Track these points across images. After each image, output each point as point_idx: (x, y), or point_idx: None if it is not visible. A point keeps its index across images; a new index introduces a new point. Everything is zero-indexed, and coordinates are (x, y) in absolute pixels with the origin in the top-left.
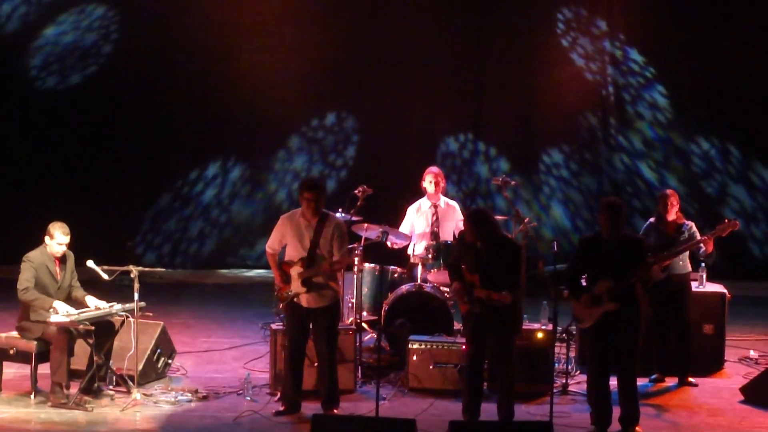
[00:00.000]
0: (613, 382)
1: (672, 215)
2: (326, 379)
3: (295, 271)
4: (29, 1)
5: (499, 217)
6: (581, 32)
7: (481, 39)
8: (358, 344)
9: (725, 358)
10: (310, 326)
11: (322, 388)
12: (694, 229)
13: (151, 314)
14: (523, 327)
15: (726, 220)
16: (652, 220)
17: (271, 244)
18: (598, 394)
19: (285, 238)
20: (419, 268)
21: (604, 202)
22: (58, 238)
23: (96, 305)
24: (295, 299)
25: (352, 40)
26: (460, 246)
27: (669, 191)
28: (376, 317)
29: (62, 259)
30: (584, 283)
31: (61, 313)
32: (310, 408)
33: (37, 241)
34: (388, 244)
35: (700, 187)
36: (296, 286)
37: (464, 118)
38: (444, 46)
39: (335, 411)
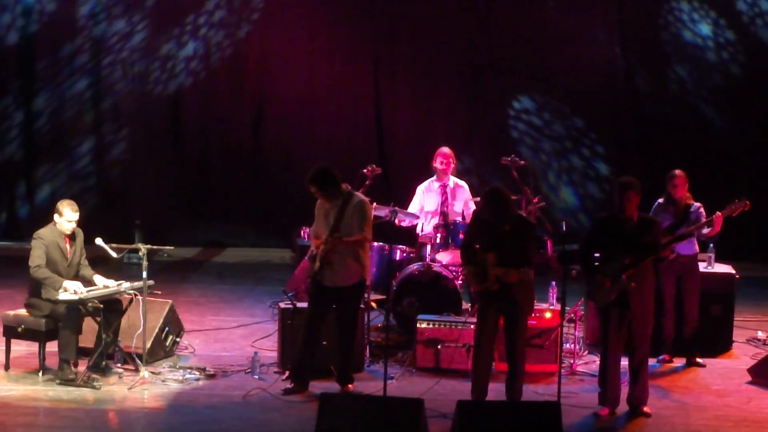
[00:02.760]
0: (624, 362)
1: (679, 195)
2: (343, 356)
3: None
4: None
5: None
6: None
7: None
8: (366, 323)
9: (733, 339)
10: (333, 305)
11: (339, 364)
12: (702, 210)
13: (159, 292)
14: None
15: (736, 200)
16: (660, 200)
17: (313, 228)
18: (610, 374)
19: (319, 221)
20: (428, 247)
21: (618, 182)
22: (67, 216)
23: (104, 284)
24: (318, 277)
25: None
26: (475, 225)
27: (677, 171)
28: (384, 296)
29: (72, 237)
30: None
31: (72, 290)
32: (318, 387)
33: (45, 220)
34: (396, 222)
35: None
36: (317, 263)
37: (462, 94)
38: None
39: (350, 387)
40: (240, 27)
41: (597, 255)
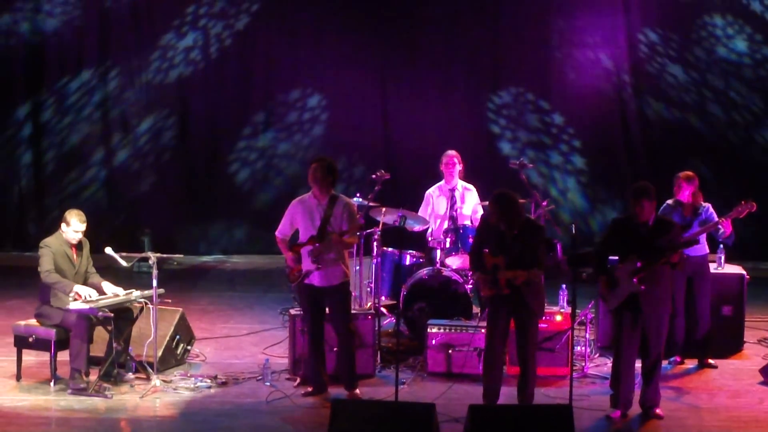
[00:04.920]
0: (636, 364)
1: (683, 197)
2: (346, 359)
3: (306, 250)
4: None
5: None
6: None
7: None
8: (377, 329)
9: (744, 340)
10: (326, 307)
11: (342, 370)
12: (711, 210)
13: (169, 301)
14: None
15: (743, 201)
16: (669, 201)
17: (282, 229)
18: (623, 377)
19: (296, 222)
20: (437, 252)
21: (632, 188)
22: (74, 226)
23: (113, 291)
24: (306, 280)
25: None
26: (484, 228)
27: (681, 174)
28: (394, 302)
29: (78, 246)
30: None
31: (83, 296)
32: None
33: (54, 229)
34: (408, 228)
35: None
36: (307, 264)
37: (469, 98)
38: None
39: (357, 391)
40: (247, 31)
41: (615, 258)
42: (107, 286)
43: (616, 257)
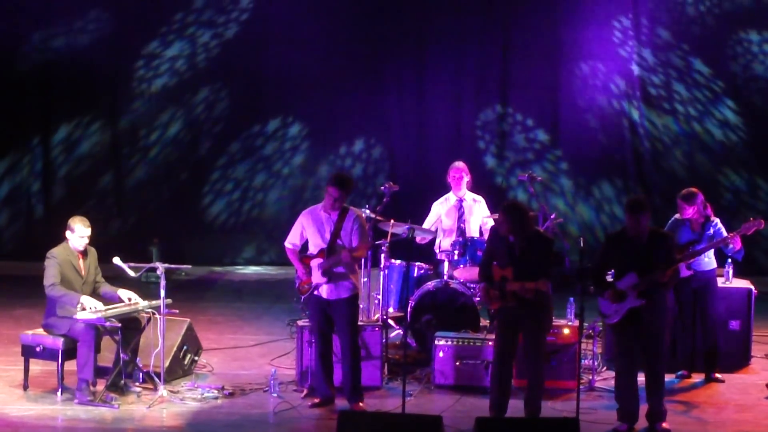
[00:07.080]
0: (641, 378)
1: (686, 215)
2: (351, 372)
3: (315, 262)
4: None
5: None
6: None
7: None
8: (384, 341)
9: (752, 354)
10: (334, 319)
11: (347, 383)
12: (720, 225)
13: (177, 311)
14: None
15: (751, 219)
16: (677, 216)
17: (291, 240)
18: (626, 390)
19: (306, 233)
20: (446, 264)
21: (627, 202)
22: (79, 231)
23: (129, 296)
24: (316, 292)
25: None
26: (493, 240)
27: (679, 194)
28: (402, 314)
29: (84, 254)
30: (610, 279)
31: (89, 307)
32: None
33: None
34: (417, 239)
35: None
36: (317, 277)
37: (478, 111)
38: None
39: (361, 405)
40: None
41: (611, 272)
42: (123, 293)
43: (612, 271)
